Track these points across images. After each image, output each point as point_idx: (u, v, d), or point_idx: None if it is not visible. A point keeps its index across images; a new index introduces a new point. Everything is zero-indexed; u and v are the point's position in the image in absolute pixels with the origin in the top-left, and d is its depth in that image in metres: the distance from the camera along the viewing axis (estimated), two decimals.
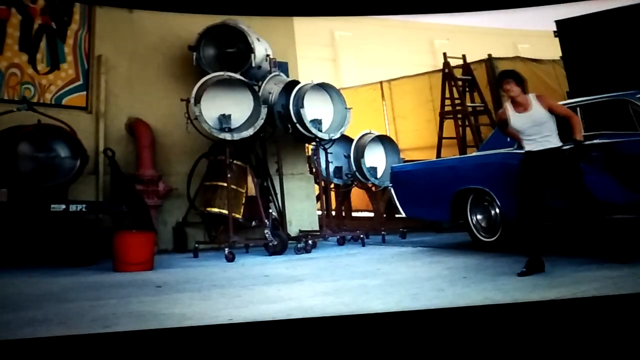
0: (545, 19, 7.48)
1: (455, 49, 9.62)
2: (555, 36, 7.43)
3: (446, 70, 9.13)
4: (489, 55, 8.89)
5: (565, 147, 4.71)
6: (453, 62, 9.15)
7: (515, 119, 4.74)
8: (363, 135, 8.21)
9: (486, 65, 8.86)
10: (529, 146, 4.73)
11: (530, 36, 10.06)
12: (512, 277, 4.43)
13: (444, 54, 9.33)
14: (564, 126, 4.77)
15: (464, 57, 9.15)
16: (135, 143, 7.14)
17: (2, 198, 5.52)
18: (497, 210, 5.77)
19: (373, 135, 8.26)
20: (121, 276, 5.30)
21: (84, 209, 5.95)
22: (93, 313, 3.88)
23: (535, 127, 4.65)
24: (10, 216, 5.56)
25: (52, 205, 5.75)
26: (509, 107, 4.79)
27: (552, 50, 7.62)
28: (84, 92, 7.17)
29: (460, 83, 9.10)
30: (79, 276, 5.26)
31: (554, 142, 4.68)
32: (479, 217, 6.01)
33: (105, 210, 6.32)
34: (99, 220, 6.28)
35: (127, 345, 3.41)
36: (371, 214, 8.54)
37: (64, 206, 5.80)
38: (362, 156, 7.99)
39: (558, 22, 7.33)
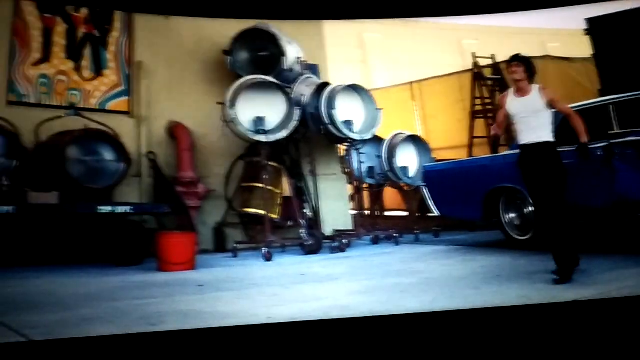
0: (574, 17, 7.32)
1: (484, 49, 9.49)
2: (586, 34, 7.27)
3: (475, 70, 9.02)
4: None
5: (568, 149, 4.48)
6: (482, 62, 9.03)
7: (511, 103, 4.49)
8: (394, 136, 8.15)
9: None
10: (520, 137, 4.46)
11: (559, 35, 9.87)
12: (546, 275, 4.30)
13: (473, 54, 9.23)
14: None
15: (493, 56, 9.03)
16: (175, 146, 7.21)
17: (53, 200, 5.62)
18: (530, 209, 5.67)
19: (404, 136, 8.20)
20: (165, 276, 5.37)
21: (128, 211, 6.02)
22: (140, 312, 3.94)
23: (527, 116, 4.39)
24: (61, 217, 5.63)
25: (99, 207, 5.83)
26: (510, 92, 4.63)
27: (583, 48, 7.45)
28: (127, 97, 7.27)
29: (490, 82, 8.98)
30: (125, 276, 5.35)
31: (545, 136, 4.39)
32: (511, 215, 5.92)
33: (148, 212, 6.38)
34: (143, 222, 6.33)
35: (172, 343, 3.46)
36: (404, 213, 8.48)
37: (110, 208, 5.88)
38: (394, 156, 7.93)
39: (589, 20, 7.17)
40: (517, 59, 4.53)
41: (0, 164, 5.62)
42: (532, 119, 4.38)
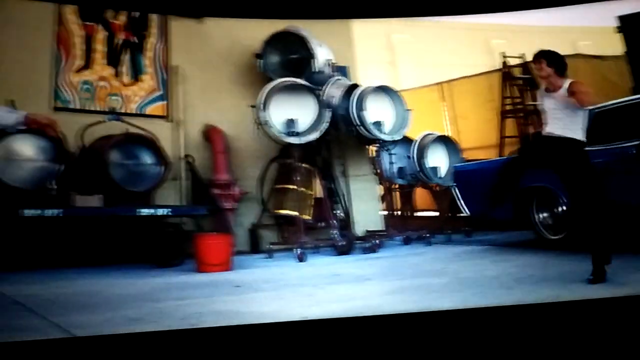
0: (606, 15, 7.19)
1: (513, 49, 9.37)
2: (618, 32, 7.13)
3: (505, 70, 8.93)
4: None
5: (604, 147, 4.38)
6: (511, 62, 8.92)
7: (542, 99, 4.30)
8: (424, 136, 8.14)
9: None
10: (545, 128, 4.25)
11: (590, 33, 9.66)
12: (580, 274, 4.24)
13: (502, 53, 9.13)
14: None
15: (522, 56, 8.91)
16: (211, 149, 7.30)
17: (97, 203, 5.76)
18: (563, 208, 5.60)
19: (434, 136, 8.17)
20: (203, 277, 5.47)
21: (167, 213, 6.12)
22: (181, 312, 4.02)
23: (559, 111, 4.19)
24: (104, 220, 5.78)
25: (140, 210, 5.94)
26: (542, 87, 4.46)
27: (615, 46, 7.31)
28: (164, 102, 7.38)
29: (519, 82, 8.87)
30: (166, 277, 5.46)
31: (572, 133, 4.17)
32: (544, 215, 5.85)
33: (186, 214, 6.48)
34: (181, 224, 6.44)
35: (209, 341, 3.54)
36: (435, 214, 8.45)
37: (150, 210, 5.99)
38: (424, 157, 7.92)
39: (621, 18, 7.03)
40: (539, 54, 4.32)
41: (47, 168, 5.78)
42: (562, 115, 4.21)
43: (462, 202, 6.68)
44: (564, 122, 4.21)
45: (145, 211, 5.96)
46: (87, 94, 6.94)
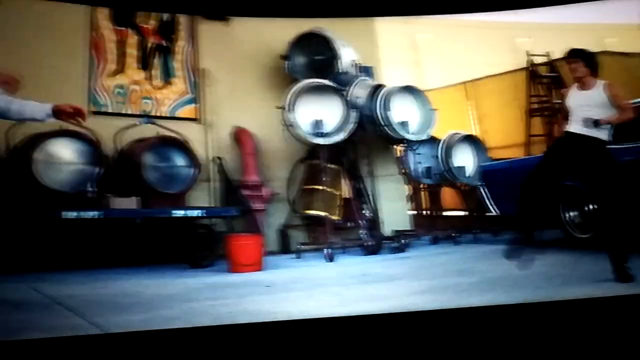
0: (633, 10, 7.05)
1: (538, 47, 9.26)
2: None
3: (530, 68, 8.83)
4: None
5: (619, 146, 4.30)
6: (537, 60, 8.82)
7: (572, 96, 4.23)
8: (450, 136, 8.09)
9: None
10: (570, 126, 4.20)
11: (617, 29, 9.50)
12: (609, 273, 4.21)
13: (527, 52, 9.03)
14: None
15: (548, 54, 8.81)
16: (240, 151, 7.34)
17: (133, 205, 5.86)
18: (591, 207, 5.53)
19: (460, 136, 8.13)
20: (235, 277, 5.54)
21: (200, 214, 6.19)
22: (214, 312, 4.10)
23: (587, 109, 4.13)
24: (139, 221, 5.88)
25: (173, 211, 6.02)
26: (573, 86, 4.37)
27: None
28: (194, 105, 7.43)
29: (545, 80, 8.76)
30: (199, 277, 5.54)
31: (600, 133, 4.13)
32: (572, 213, 5.78)
33: (218, 215, 6.53)
34: (213, 225, 6.50)
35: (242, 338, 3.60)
36: (462, 213, 8.40)
37: (183, 212, 6.07)
38: (451, 156, 7.87)
39: None
40: (574, 54, 4.30)
41: (86, 171, 5.90)
42: (593, 113, 4.14)
43: (490, 201, 6.64)
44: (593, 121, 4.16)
45: (178, 212, 6.03)
46: (121, 97, 7.04)
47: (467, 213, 8.19)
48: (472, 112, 9.93)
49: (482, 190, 6.84)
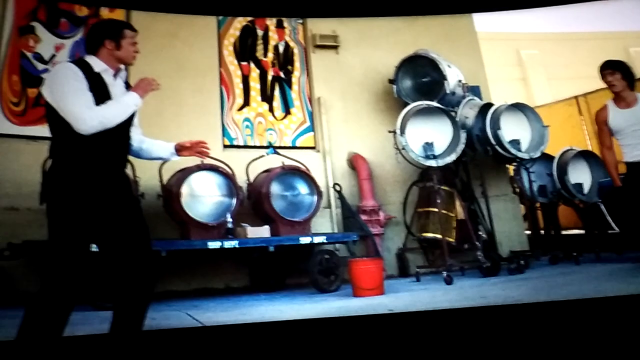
0: None
1: None
2: None
3: None
4: None
5: None
6: None
7: (615, 116, 3.84)
8: (564, 152, 7.65)
9: None
10: (629, 154, 3.77)
11: None
12: None
13: None
14: None
15: None
16: (356, 176, 7.39)
17: (267, 234, 6.10)
18: None
19: (575, 152, 7.65)
20: (359, 301, 5.55)
21: (324, 240, 6.29)
22: None
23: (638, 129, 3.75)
24: (270, 249, 6.05)
25: (301, 238, 6.18)
26: (610, 104, 3.89)
27: None
28: (311, 133, 7.55)
29: None
30: (327, 302, 5.61)
31: None
32: None
33: (340, 241, 6.59)
34: (335, 250, 6.58)
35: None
36: (582, 231, 7.86)
37: (310, 238, 6.19)
38: (566, 173, 7.43)
39: None
40: (610, 65, 3.90)
41: (224, 203, 6.20)
42: None
43: (610, 218, 6.17)
44: None
45: (304, 239, 6.17)
46: (248, 130, 7.31)
47: (585, 231, 7.66)
48: (585, 127, 9.31)
49: (602, 207, 6.36)
